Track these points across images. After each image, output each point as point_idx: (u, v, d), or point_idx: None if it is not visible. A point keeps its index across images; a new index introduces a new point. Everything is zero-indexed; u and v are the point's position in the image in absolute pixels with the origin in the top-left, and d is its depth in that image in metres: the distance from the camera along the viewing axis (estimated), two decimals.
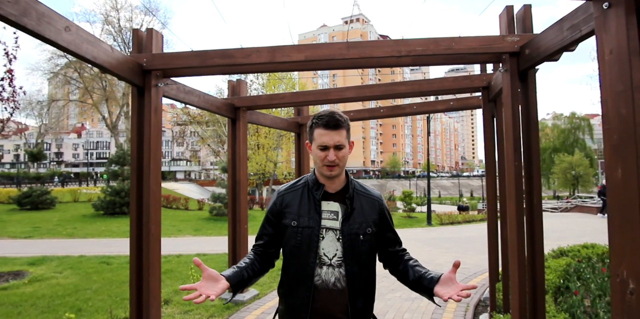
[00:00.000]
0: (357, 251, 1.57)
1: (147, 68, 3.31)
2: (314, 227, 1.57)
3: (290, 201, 1.62)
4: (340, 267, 1.57)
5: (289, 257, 1.61)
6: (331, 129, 1.52)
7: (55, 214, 16.94)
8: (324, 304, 1.55)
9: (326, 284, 1.56)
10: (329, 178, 1.60)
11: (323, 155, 1.54)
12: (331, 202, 1.61)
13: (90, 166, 76.97)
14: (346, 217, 1.59)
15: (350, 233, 1.57)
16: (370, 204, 1.65)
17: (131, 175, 3.49)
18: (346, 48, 3.15)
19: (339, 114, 1.56)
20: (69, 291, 5.45)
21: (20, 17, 2.03)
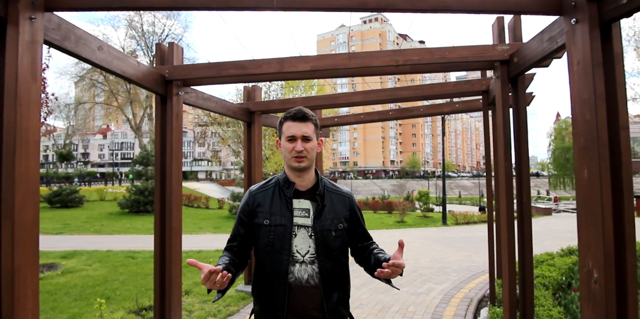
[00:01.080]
0: (329, 247, 1.59)
1: (169, 78, 3.67)
2: (287, 225, 1.58)
3: (262, 200, 1.64)
4: (313, 263, 1.58)
5: (262, 256, 1.62)
6: (299, 121, 1.58)
7: (84, 212, 17.75)
8: (298, 302, 1.56)
9: (299, 281, 1.56)
10: (299, 172, 1.61)
11: (291, 146, 1.57)
12: (302, 200, 1.63)
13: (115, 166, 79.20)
14: (317, 214, 1.61)
15: (322, 230, 1.59)
16: (341, 201, 1.68)
17: (155, 175, 3.84)
18: (348, 58, 3.43)
19: (306, 110, 1.62)
20: (98, 282, 5.90)
21: (62, 41, 2.39)
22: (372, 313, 4.54)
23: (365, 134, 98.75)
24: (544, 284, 4.74)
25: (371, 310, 4.65)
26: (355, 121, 6.65)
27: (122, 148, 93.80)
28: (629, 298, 2.11)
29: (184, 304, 4.63)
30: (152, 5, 2.40)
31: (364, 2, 2.27)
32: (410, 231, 12.83)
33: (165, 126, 3.80)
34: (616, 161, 2.14)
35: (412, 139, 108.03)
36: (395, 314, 4.54)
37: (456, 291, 5.50)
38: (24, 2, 1.99)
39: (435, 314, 4.54)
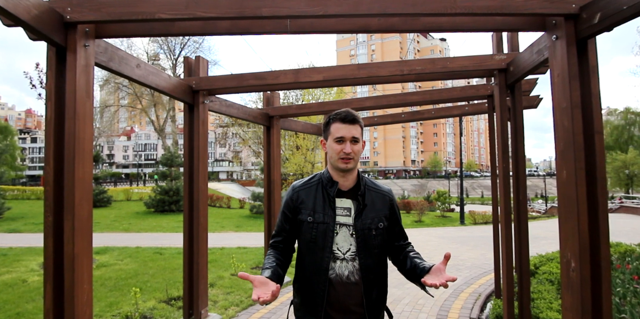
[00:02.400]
0: (370, 246, 1.62)
1: (196, 89, 4.07)
2: (329, 223, 1.61)
3: (305, 197, 1.68)
4: (354, 261, 1.61)
5: (304, 251, 1.66)
6: (348, 123, 1.60)
7: (112, 211, 18.55)
8: (338, 297, 1.59)
9: (340, 277, 1.60)
10: (343, 172, 1.64)
11: (339, 148, 1.60)
12: (344, 199, 1.66)
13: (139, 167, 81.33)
14: (359, 213, 1.63)
15: (363, 228, 1.62)
16: (382, 200, 1.70)
17: (184, 176, 4.25)
18: (357, 69, 3.76)
19: (354, 112, 1.64)
20: (130, 275, 6.39)
21: (108, 62, 2.80)
22: None
23: (385, 133, 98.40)
24: (549, 280, 4.95)
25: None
26: (369, 123, 6.94)
27: (146, 149, 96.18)
28: (603, 285, 2.37)
29: (209, 295, 5.03)
30: (185, 32, 2.78)
31: (366, 25, 2.60)
32: (427, 230, 13.01)
33: (192, 132, 4.20)
34: (591, 163, 2.40)
35: (434, 138, 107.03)
36: (405, 305, 4.83)
37: (466, 286, 5.74)
38: (80, 32, 2.40)
39: (444, 307, 4.81)
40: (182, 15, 2.32)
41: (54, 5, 2.28)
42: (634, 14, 2.06)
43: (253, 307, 4.80)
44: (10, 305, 4.91)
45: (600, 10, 2.24)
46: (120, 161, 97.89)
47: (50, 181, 2.37)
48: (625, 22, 2.19)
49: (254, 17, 2.34)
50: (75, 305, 2.36)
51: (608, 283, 2.38)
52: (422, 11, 2.32)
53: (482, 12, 2.37)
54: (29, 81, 8.79)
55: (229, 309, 4.65)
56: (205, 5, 2.30)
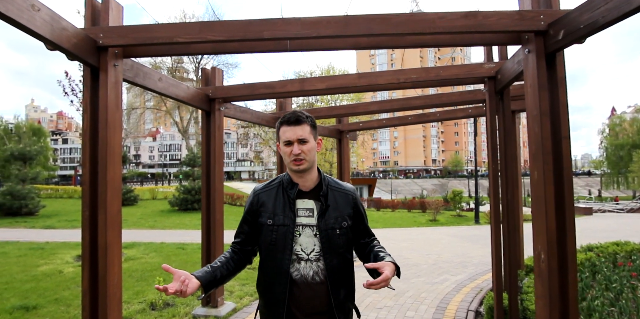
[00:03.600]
0: (334, 245, 1.63)
1: (212, 97, 4.48)
2: (289, 225, 1.61)
3: (266, 200, 1.68)
4: (319, 261, 1.61)
5: (265, 254, 1.66)
6: (292, 124, 1.61)
7: (138, 209, 19.39)
8: (304, 298, 1.60)
9: (305, 278, 1.60)
10: (299, 173, 1.65)
11: (289, 150, 1.61)
12: (306, 200, 1.66)
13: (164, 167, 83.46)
14: (321, 213, 1.64)
15: (326, 228, 1.62)
16: (344, 199, 1.70)
17: (202, 176, 4.67)
18: (357, 78, 4.08)
19: (300, 112, 1.65)
20: (154, 267, 6.89)
21: (134, 77, 3.21)
22: (388, 297, 5.14)
23: (405, 133, 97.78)
24: None
25: (388, 295, 5.26)
26: (378, 125, 7.24)
27: (171, 150, 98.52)
28: (569, 275, 2.64)
29: (226, 286, 5.45)
30: (199, 52, 3.18)
31: (356, 43, 2.93)
32: (441, 229, 13.17)
33: (209, 136, 4.61)
34: (559, 166, 2.66)
35: (455, 137, 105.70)
36: (408, 298, 5.12)
37: (469, 281, 5.98)
38: (110, 54, 2.81)
39: (445, 299, 5.08)
40: (196, 39, 2.70)
41: (89, 33, 2.70)
42: (589, 31, 2.32)
43: None
44: (49, 292, 5.45)
45: (564, 28, 2.51)
46: (147, 161, 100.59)
47: (86, 181, 2.80)
48: (584, 39, 2.45)
49: (257, 40, 2.71)
50: (107, 287, 2.78)
51: (574, 273, 2.64)
52: (405, 31, 2.64)
53: (460, 31, 2.66)
54: (62, 89, 9.46)
55: (243, 298, 5.05)
56: (216, 30, 2.68)
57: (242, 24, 2.68)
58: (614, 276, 5.26)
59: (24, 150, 18.09)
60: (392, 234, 12.06)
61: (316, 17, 2.64)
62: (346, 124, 7.20)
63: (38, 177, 18.90)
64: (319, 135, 1.76)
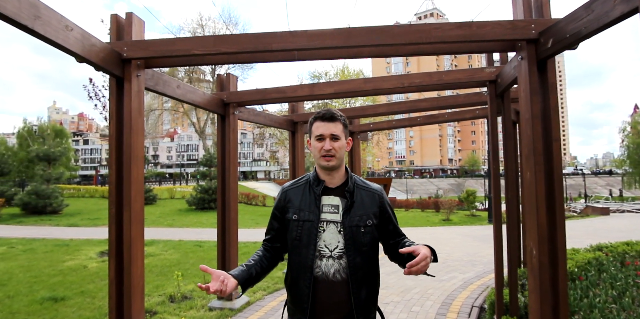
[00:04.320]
0: (358, 243, 1.62)
1: (227, 102, 4.73)
2: (314, 221, 1.63)
3: (293, 196, 1.72)
4: (341, 258, 1.61)
5: (291, 250, 1.69)
6: (327, 121, 1.64)
7: (157, 208, 19.92)
8: (324, 295, 1.60)
9: (326, 275, 1.60)
10: (328, 170, 1.67)
11: (320, 145, 1.63)
12: (332, 196, 1.68)
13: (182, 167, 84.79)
14: (347, 210, 1.65)
15: (351, 225, 1.63)
16: (371, 198, 1.71)
17: (217, 176, 4.94)
18: (363, 83, 4.29)
19: (335, 110, 1.68)
20: (173, 263, 7.22)
21: (154, 86, 3.49)
22: (395, 293, 5.33)
23: (421, 132, 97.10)
24: None
25: (395, 291, 5.44)
26: (388, 126, 7.41)
27: (188, 150, 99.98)
28: (559, 270, 2.79)
29: None
30: (214, 62, 3.43)
31: (359, 52, 3.13)
32: (454, 229, 13.23)
33: (224, 138, 4.88)
34: (549, 166, 2.82)
35: (472, 136, 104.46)
36: (415, 294, 5.30)
37: (477, 279, 6.11)
38: (133, 66, 3.09)
39: (451, 296, 5.24)
40: (211, 51, 2.95)
41: (114, 47, 2.97)
42: (575, 40, 2.48)
43: (278, 292, 5.43)
44: (75, 285, 5.80)
45: (552, 36, 2.67)
46: (165, 161, 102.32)
47: (112, 181, 3.08)
48: (571, 47, 2.61)
49: (267, 51, 2.94)
50: (132, 277, 3.05)
51: (564, 268, 2.79)
52: (403, 42, 2.83)
53: (455, 40, 2.84)
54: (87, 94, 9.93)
55: (256, 292, 5.31)
56: (228, 43, 2.93)
57: (252, 37, 2.92)
58: (620, 275, 5.34)
59: (48, 151, 18.79)
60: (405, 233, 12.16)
61: (321, 30, 2.85)
62: (357, 125, 7.39)
63: (61, 178, 19.60)
64: None
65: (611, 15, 2.12)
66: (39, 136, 28.47)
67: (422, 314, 4.56)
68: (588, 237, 10.27)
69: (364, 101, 21.88)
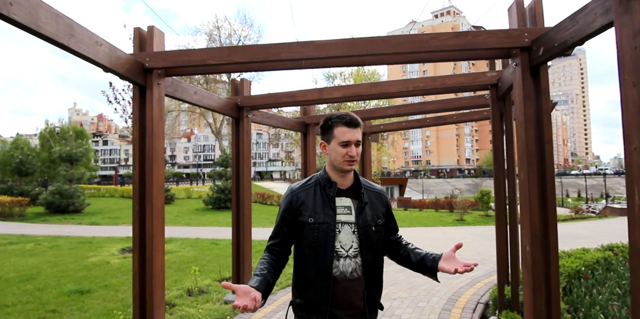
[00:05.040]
0: (371, 241, 1.69)
1: (241, 106, 4.99)
2: (330, 223, 1.66)
3: (305, 198, 1.71)
4: (356, 257, 1.67)
5: (307, 252, 1.69)
6: (353, 127, 1.66)
7: (175, 208, 20.43)
8: (344, 294, 1.64)
9: (344, 274, 1.65)
10: (344, 173, 1.72)
11: (345, 151, 1.65)
12: (343, 198, 1.72)
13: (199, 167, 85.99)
14: (360, 211, 1.70)
15: (364, 225, 1.68)
16: (378, 198, 1.79)
17: (232, 176, 5.20)
18: (370, 87, 4.49)
19: (355, 115, 1.71)
20: (190, 260, 7.53)
21: (174, 92, 3.76)
22: (403, 290, 5.51)
23: (438, 132, 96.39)
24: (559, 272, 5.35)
25: (403, 287, 5.62)
26: (398, 127, 7.59)
27: (205, 150, 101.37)
28: (551, 265, 2.94)
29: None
30: (228, 71, 3.68)
31: (361, 61, 3.35)
32: (466, 229, 13.28)
33: (238, 140, 5.14)
34: (542, 167, 2.98)
35: (490, 136, 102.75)
36: (422, 291, 5.47)
37: (485, 277, 6.24)
38: (155, 75, 3.35)
39: (457, 293, 5.40)
40: (224, 61, 3.19)
41: (137, 58, 3.25)
42: (562, 49, 2.64)
43: (290, 287, 5.66)
44: (99, 279, 6.15)
45: (543, 45, 2.83)
46: (182, 161, 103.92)
47: (136, 181, 3.36)
48: (563, 53, 2.77)
49: (276, 61, 3.17)
50: (153, 269, 3.32)
51: (556, 263, 2.95)
52: (402, 51, 3.03)
53: (452, 49, 3.03)
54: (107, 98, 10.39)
55: None
56: (240, 53, 3.17)
57: (262, 47, 3.16)
58: (627, 274, 5.41)
59: (70, 152, 19.48)
60: (417, 233, 12.32)
61: (326, 40, 3.07)
62: (368, 126, 7.58)
63: (83, 178, 20.28)
64: None
65: (592, 27, 2.29)
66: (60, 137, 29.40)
67: (427, 309, 4.73)
68: (603, 238, 10.23)
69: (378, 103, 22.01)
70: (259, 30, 42.81)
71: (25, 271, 6.74)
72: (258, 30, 43.56)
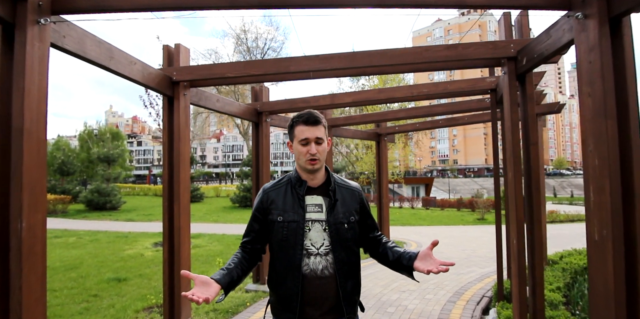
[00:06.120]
0: (343, 239, 1.67)
1: (260, 111, 5.43)
2: (299, 221, 1.65)
3: (275, 197, 1.72)
4: (328, 255, 1.65)
5: (276, 250, 1.69)
6: (311, 125, 1.64)
7: (204, 206, 21.27)
8: (314, 292, 1.64)
9: (314, 272, 1.64)
10: (311, 173, 1.70)
11: (305, 150, 1.64)
12: (314, 196, 1.71)
13: (227, 167, 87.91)
14: (330, 208, 1.69)
15: (335, 223, 1.67)
16: (351, 195, 1.77)
17: (252, 176, 5.65)
18: (377, 93, 4.83)
19: (316, 113, 1.69)
20: (216, 253, 8.06)
21: (198, 101, 4.22)
22: (412, 283, 5.81)
23: (465, 131, 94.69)
24: (564, 268, 5.52)
25: (413, 281, 5.91)
26: (412, 129, 7.86)
27: (233, 150, 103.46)
28: (535, 257, 3.20)
29: None
30: (245, 82, 4.10)
31: (363, 71, 3.69)
32: (485, 228, 13.31)
33: (258, 143, 5.58)
34: (528, 167, 3.24)
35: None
36: (431, 285, 5.75)
37: (494, 273, 6.42)
38: (181, 87, 3.82)
39: (465, 287, 5.65)
40: (241, 74, 3.62)
41: (166, 72, 3.72)
42: (540, 60, 2.91)
43: None
44: (134, 269, 6.75)
45: (526, 55, 3.10)
46: (211, 161, 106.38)
47: (165, 180, 3.83)
48: (540, 64, 3.03)
49: (286, 73, 3.57)
50: (181, 258, 3.79)
51: (540, 256, 3.21)
52: (399, 62, 3.36)
53: (443, 60, 3.34)
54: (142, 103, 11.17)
55: None
56: (255, 67, 3.59)
57: (274, 61, 3.57)
58: None
59: (108, 153, 20.65)
60: (436, 231, 12.49)
61: (330, 54, 3.45)
62: (384, 128, 7.89)
63: (119, 177, 21.43)
64: (357, 139, 2.27)
65: (561, 42, 2.56)
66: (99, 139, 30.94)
67: (433, 301, 5.02)
68: None
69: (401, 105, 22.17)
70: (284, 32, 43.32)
71: (69, 261, 7.44)
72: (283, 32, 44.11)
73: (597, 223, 2.09)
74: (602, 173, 2.06)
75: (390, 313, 4.55)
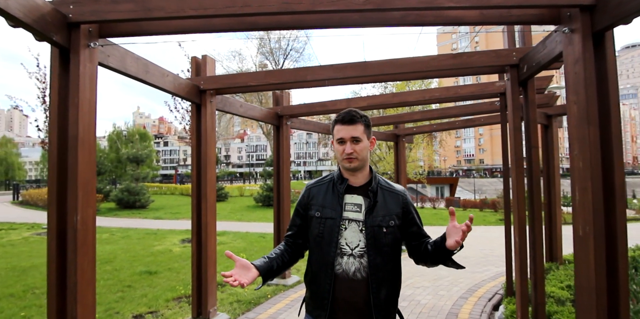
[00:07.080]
0: (380, 243, 1.62)
1: (281, 114, 5.75)
2: (336, 219, 1.65)
3: (316, 193, 1.74)
4: (362, 257, 1.62)
5: (313, 246, 1.71)
6: (347, 124, 1.64)
7: (228, 205, 21.87)
8: (344, 293, 1.61)
9: (346, 273, 1.61)
10: (351, 171, 1.69)
11: (341, 148, 1.65)
12: (355, 195, 1.69)
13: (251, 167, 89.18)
14: (369, 209, 1.65)
15: (373, 225, 1.63)
16: (394, 199, 1.71)
17: (273, 176, 5.99)
18: (391, 97, 5.07)
19: (355, 111, 1.67)
20: (240, 250, 8.45)
21: (223, 107, 4.57)
22: (428, 280, 6.02)
23: (491, 130, 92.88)
24: None
25: (428, 278, 6.13)
26: (429, 130, 8.03)
27: (257, 150, 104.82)
28: (537, 255, 3.39)
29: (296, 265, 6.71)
30: (265, 90, 4.41)
31: (374, 79, 3.95)
32: None
33: (279, 144, 5.91)
34: (530, 169, 3.44)
35: None
36: (445, 281, 5.95)
37: None
38: (208, 94, 4.16)
39: (478, 284, 5.81)
40: (262, 82, 3.95)
41: (194, 82, 4.08)
42: (540, 68, 3.11)
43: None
44: (164, 263, 7.21)
45: (526, 63, 3.30)
46: (236, 161, 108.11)
47: (194, 180, 4.20)
48: (540, 72, 3.22)
49: (303, 81, 3.87)
50: (208, 250, 4.15)
51: (540, 253, 3.39)
52: (407, 70, 3.61)
53: (449, 68, 3.56)
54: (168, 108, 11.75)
55: None
56: (275, 76, 3.91)
57: (292, 71, 3.87)
58: None
59: (136, 154, 21.52)
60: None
61: (343, 64, 3.73)
62: (402, 129, 8.10)
63: (147, 177, 22.29)
64: (377, 140, 2.36)
65: (554, 52, 2.77)
66: (127, 140, 32.11)
67: (446, 297, 5.23)
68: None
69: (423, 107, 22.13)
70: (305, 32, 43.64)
71: (104, 256, 7.97)
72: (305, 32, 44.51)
73: (581, 220, 2.30)
74: (586, 175, 2.26)
75: (402, 307, 4.79)
